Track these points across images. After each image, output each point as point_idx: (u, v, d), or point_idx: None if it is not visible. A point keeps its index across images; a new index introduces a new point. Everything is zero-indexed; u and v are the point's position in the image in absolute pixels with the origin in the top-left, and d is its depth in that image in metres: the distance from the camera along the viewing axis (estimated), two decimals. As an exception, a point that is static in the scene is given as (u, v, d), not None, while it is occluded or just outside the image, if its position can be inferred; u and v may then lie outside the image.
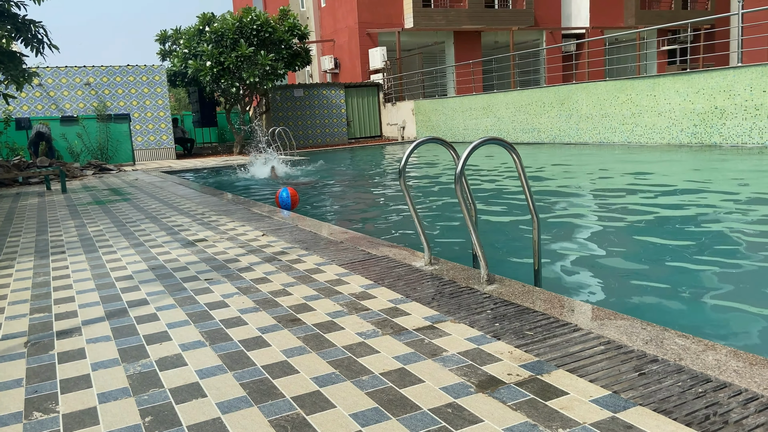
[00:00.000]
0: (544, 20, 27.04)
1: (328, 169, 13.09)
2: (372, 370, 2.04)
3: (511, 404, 1.75)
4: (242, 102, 18.62)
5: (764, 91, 10.48)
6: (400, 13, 24.36)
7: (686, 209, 6.20)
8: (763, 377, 1.82)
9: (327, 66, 25.78)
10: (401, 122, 21.70)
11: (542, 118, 15.50)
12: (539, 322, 2.44)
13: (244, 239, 4.53)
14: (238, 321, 2.64)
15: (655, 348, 2.08)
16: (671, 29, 28.87)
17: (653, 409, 1.67)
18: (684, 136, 11.95)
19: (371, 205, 7.92)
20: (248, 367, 2.13)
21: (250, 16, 16.87)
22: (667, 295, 3.70)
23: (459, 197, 2.99)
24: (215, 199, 7.15)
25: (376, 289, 3.02)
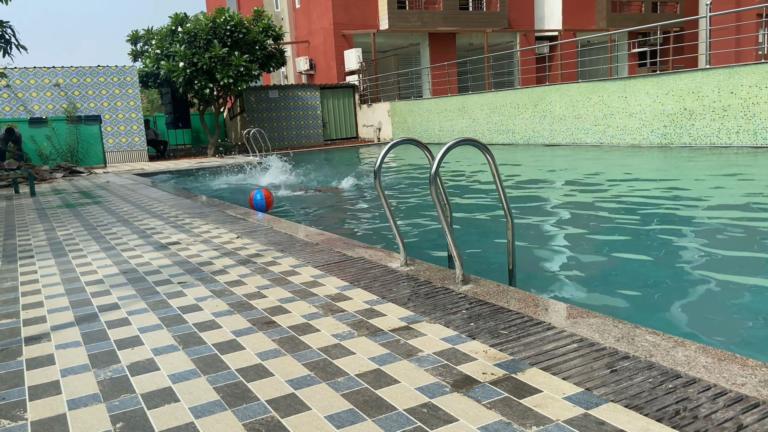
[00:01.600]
0: (517, 22, 27.32)
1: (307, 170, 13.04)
2: (347, 372, 2.03)
3: (485, 403, 1.76)
4: (216, 103, 18.43)
5: (731, 92, 10.74)
6: (375, 15, 24.38)
7: (656, 209, 6.32)
8: (731, 372, 1.86)
9: (302, 67, 25.67)
10: (377, 123, 21.72)
11: (516, 120, 15.66)
12: (514, 321, 2.46)
13: (219, 242, 4.48)
14: (212, 324, 2.61)
15: (627, 345, 2.11)
16: (641, 32, 29.41)
17: (625, 405, 1.69)
18: (654, 137, 12.18)
19: (348, 207, 7.91)
20: (222, 370, 2.11)
21: (223, 17, 16.73)
22: (638, 292, 3.76)
23: (434, 198, 3.00)
24: (189, 202, 7.06)
25: (352, 291, 3.01)
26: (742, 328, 3.09)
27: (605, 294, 3.76)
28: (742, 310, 3.36)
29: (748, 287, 3.73)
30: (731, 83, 10.73)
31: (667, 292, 3.75)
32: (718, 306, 3.43)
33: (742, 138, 10.69)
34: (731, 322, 3.20)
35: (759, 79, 10.31)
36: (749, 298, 3.54)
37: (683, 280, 3.95)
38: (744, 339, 2.94)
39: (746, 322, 3.17)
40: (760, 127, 10.39)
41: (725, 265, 4.22)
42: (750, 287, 3.73)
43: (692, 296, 3.63)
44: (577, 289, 3.88)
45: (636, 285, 3.91)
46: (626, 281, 4.00)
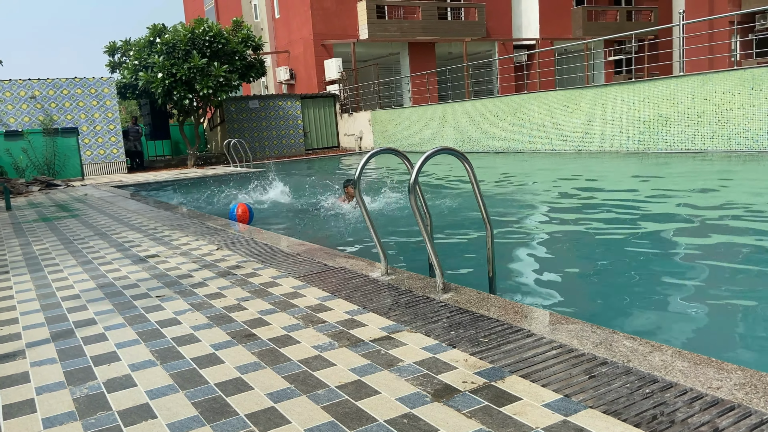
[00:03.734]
0: (495, 32, 27.61)
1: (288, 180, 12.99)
2: (328, 384, 2.02)
3: (465, 412, 1.76)
4: (196, 114, 18.33)
5: (705, 99, 10.95)
6: (354, 25, 24.47)
7: (632, 215, 6.40)
8: (707, 376, 1.89)
9: (282, 77, 25.65)
10: (358, 132, 21.75)
11: (496, 127, 15.79)
12: (494, 328, 2.47)
13: (198, 254, 4.44)
14: (191, 338, 2.58)
15: (605, 351, 2.13)
16: (617, 40, 29.90)
17: (603, 411, 1.70)
18: (631, 144, 12.36)
19: (330, 216, 7.89)
20: (201, 385, 2.08)
21: (202, 27, 16.67)
22: (616, 297, 3.80)
23: (413, 207, 3.01)
24: (168, 213, 6.99)
25: (333, 301, 3.00)
26: (717, 331, 3.14)
27: (584, 300, 3.79)
28: (718, 313, 3.41)
29: (723, 291, 3.79)
30: (705, 90, 10.94)
31: (645, 296, 3.79)
32: (695, 310, 3.47)
33: (716, 143, 10.89)
34: (707, 325, 3.24)
35: (732, 85, 10.53)
36: (725, 301, 3.60)
37: (660, 285, 4.00)
38: (720, 342, 2.99)
39: (722, 326, 3.22)
40: (734, 132, 10.60)
41: (701, 270, 4.28)
42: (725, 291, 3.79)
43: (669, 301, 3.68)
44: (557, 295, 3.90)
45: (614, 290, 3.95)
46: (605, 287, 4.04)
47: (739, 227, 5.42)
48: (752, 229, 5.28)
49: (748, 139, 10.42)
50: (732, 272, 4.15)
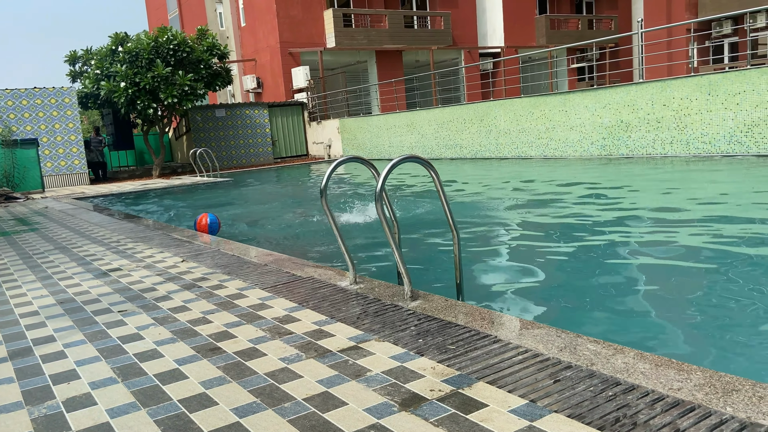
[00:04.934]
0: (461, 40, 27.94)
1: (254, 189, 12.88)
2: (295, 396, 2.00)
3: (432, 420, 1.76)
4: (161, 123, 18.05)
5: (664, 105, 11.25)
6: (321, 33, 24.47)
7: (596, 219, 6.52)
8: (668, 378, 1.92)
9: (249, 85, 25.46)
10: (327, 141, 21.71)
11: (464, 134, 15.94)
12: (461, 335, 2.47)
13: (163, 266, 4.36)
14: (154, 354, 2.52)
15: (569, 354, 2.16)
16: (579, 48, 30.55)
17: (567, 415, 1.72)
18: (594, 149, 12.61)
19: (298, 226, 7.84)
20: (164, 402, 2.04)
21: (166, 36, 16.46)
22: (582, 301, 3.86)
23: (380, 215, 3.01)
24: (132, 225, 6.85)
25: (301, 312, 2.97)
26: (679, 332, 3.21)
27: (551, 304, 3.84)
28: (680, 314, 3.49)
29: (683, 293, 3.88)
30: (664, 96, 11.25)
31: (609, 299, 3.86)
32: (658, 311, 3.55)
33: (675, 148, 11.20)
34: (669, 326, 3.31)
35: (689, 91, 10.85)
36: (685, 303, 3.69)
37: (624, 288, 4.08)
38: (680, 343, 3.06)
39: (683, 326, 3.29)
40: (692, 137, 10.91)
41: (664, 272, 4.38)
42: (685, 292, 3.88)
43: (633, 303, 3.75)
44: (524, 300, 3.95)
45: (580, 294, 4.01)
46: (571, 290, 4.10)
47: (699, 230, 5.57)
48: (711, 231, 5.43)
49: (705, 143, 10.74)
50: (693, 273, 4.26)
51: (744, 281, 3.91)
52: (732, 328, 3.16)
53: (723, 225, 5.61)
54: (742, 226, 5.56)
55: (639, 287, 4.04)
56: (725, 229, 5.42)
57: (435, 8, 27.41)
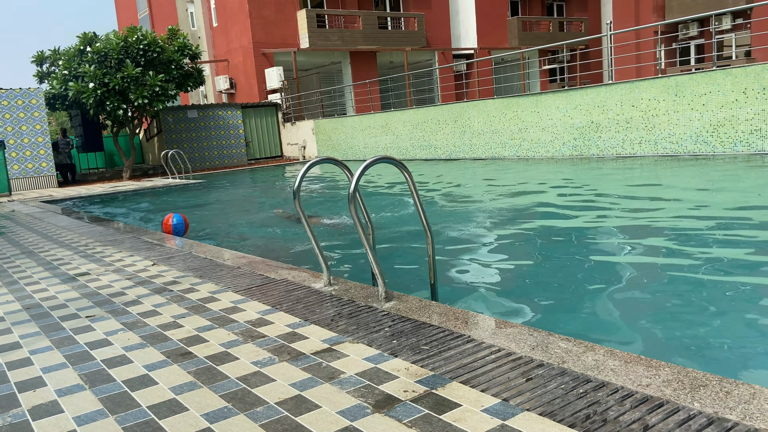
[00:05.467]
0: (435, 41, 28.07)
1: (228, 190, 12.75)
2: (267, 400, 1.97)
3: (406, 421, 1.76)
4: (131, 124, 17.75)
5: (633, 106, 11.46)
6: (295, 33, 24.34)
7: (568, 218, 6.61)
8: (637, 374, 1.95)
9: (222, 86, 25.19)
10: (302, 142, 21.60)
11: (438, 135, 16.02)
12: (435, 335, 2.48)
13: (132, 270, 4.28)
14: (123, 359, 2.47)
15: (541, 353, 2.18)
16: (551, 50, 30.95)
17: (539, 413, 1.74)
18: (566, 149, 12.79)
19: (271, 228, 7.78)
20: (132, 409, 2.00)
21: (136, 36, 16.19)
22: (554, 299, 3.90)
23: (354, 216, 3.00)
24: (101, 229, 6.72)
25: (274, 314, 2.95)
26: (648, 329, 3.26)
27: (525, 302, 3.87)
28: (648, 311, 3.55)
29: (652, 290, 3.95)
30: (632, 97, 11.46)
31: (582, 296, 3.91)
32: (627, 309, 3.61)
33: (644, 148, 11.41)
34: (639, 323, 3.37)
35: (657, 92, 11.07)
36: (654, 300, 3.76)
37: (595, 286, 4.13)
38: (650, 339, 3.11)
39: (652, 323, 3.35)
40: (660, 137, 11.13)
41: (635, 270, 4.46)
42: (654, 289, 3.95)
43: (603, 301, 3.81)
44: (498, 299, 3.97)
45: (553, 292, 4.05)
46: (544, 289, 4.14)
47: (668, 229, 5.67)
48: (679, 230, 5.54)
49: (673, 143, 10.97)
50: (661, 271, 4.34)
51: (710, 278, 3.99)
52: (699, 323, 3.23)
53: (690, 224, 5.72)
54: (709, 224, 5.69)
55: (610, 285, 4.10)
56: (692, 229, 5.54)
57: (409, 9, 27.49)
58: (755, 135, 9.89)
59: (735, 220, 5.81)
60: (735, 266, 4.26)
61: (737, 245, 4.81)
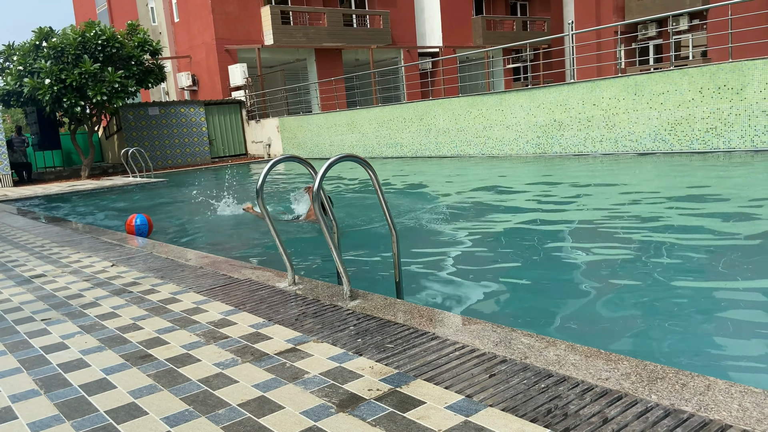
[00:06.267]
0: (400, 39, 28.12)
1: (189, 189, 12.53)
2: (229, 402, 1.94)
3: (370, 420, 1.75)
4: (89, 122, 17.28)
5: (594, 104, 11.69)
6: (259, 30, 24.06)
7: (531, 214, 6.71)
8: (597, 368, 1.99)
9: (184, 83, 24.75)
10: (267, 140, 21.38)
11: (404, 133, 16.06)
12: (400, 333, 2.48)
13: (91, 272, 4.16)
14: (80, 363, 2.40)
15: (504, 349, 2.20)
16: (514, 49, 31.35)
17: (502, 409, 1.75)
18: (529, 147, 12.97)
19: (235, 227, 7.68)
20: (89, 414, 1.94)
21: (94, 31, 15.77)
22: (517, 295, 3.96)
23: (318, 215, 2.98)
24: (58, 229, 6.52)
25: (237, 315, 2.90)
26: (608, 323, 3.33)
27: (488, 299, 3.91)
28: (609, 305, 3.63)
29: (612, 283, 4.04)
30: (593, 96, 11.69)
31: (543, 292, 3.97)
32: (589, 303, 3.68)
33: (605, 146, 11.66)
34: (599, 317, 3.44)
35: (617, 91, 11.32)
36: (615, 293, 3.84)
37: (557, 280, 4.20)
38: (609, 333, 3.18)
39: (611, 318, 3.42)
40: (620, 135, 11.39)
41: (594, 264, 4.55)
42: (613, 282, 4.04)
43: (565, 294, 3.87)
44: (463, 296, 4.00)
45: (516, 287, 4.11)
46: (507, 284, 4.19)
47: (628, 223, 5.81)
48: (640, 225, 5.67)
49: (632, 141, 11.23)
50: (621, 265, 4.44)
51: (667, 272, 4.10)
52: (657, 316, 3.31)
53: (648, 219, 5.87)
54: (665, 221, 5.85)
55: (572, 280, 4.18)
56: (650, 224, 5.68)
57: (374, 7, 27.47)
58: (711, 133, 10.20)
59: (690, 215, 5.99)
60: (690, 260, 4.39)
61: (692, 240, 4.96)
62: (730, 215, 5.84)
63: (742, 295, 3.54)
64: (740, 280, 3.82)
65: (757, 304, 3.40)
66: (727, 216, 5.81)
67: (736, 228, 5.25)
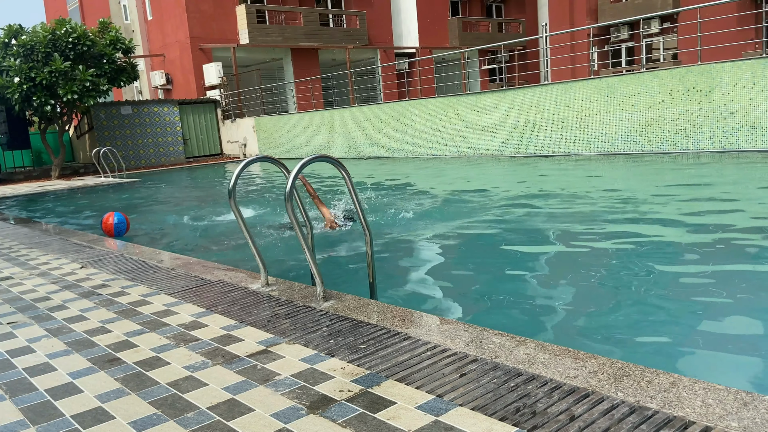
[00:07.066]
0: (377, 39, 28.13)
1: (162, 190, 12.37)
2: (198, 405, 1.92)
3: (341, 421, 1.75)
4: (60, 121, 16.95)
5: (567, 106, 11.84)
6: (234, 29, 23.85)
7: (505, 214, 6.77)
8: (566, 366, 2.02)
9: (158, 82, 24.41)
10: (242, 139, 21.20)
11: (380, 134, 16.07)
12: (372, 334, 2.48)
13: (59, 274, 4.08)
14: (46, 367, 2.36)
15: (475, 348, 2.22)
16: (490, 50, 31.60)
17: (471, 408, 1.77)
18: (504, 148, 13.09)
19: (209, 228, 7.60)
20: (55, 418, 1.90)
21: (64, 28, 15.47)
22: (490, 294, 3.99)
23: (290, 215, 2.96)
24: (26, 231, 6.38)
25: (209, 317, 2.88)
26: (577, 322, 3.38)
27: (461, 299, 3.94)
28: (579, 303, 3.68)
29: (582, 282, 4.10)
30: (567, 97, 11.84)
31: (515, 291, 4.01)
32: (560, 302, 3.73)
33: (578, 147, 11.82)
34: (570, 315, 3.49)
35: (590, 93, 11.48)
36: (585, 291, 3.90)
37: (529, 279, 4.25)
38: (577, 331, 3.22)
39: (580, 316, 3.47)
40: (593, 136, 11.56)
41: (563, 264, 4.61)
42: (582, 281, 4.10)
43: (536, 294, 3.92)
44: (436, 296, 4.02)
45: (489, 287, 4.14)
46: (481, 284, 4.23)
47: (599, 223, 5.90)
48: (607, 225, 5.76)
49: (605, 142, 11.41)
50: (590, 263, 4.50)
51: (635, 270, 4.18)
52: (626, 313, 3.37)
53: (616, 219, 5.97)
54: (634, 221, 5.95)
55: (543, 279, 4.22)
56: (617, 224, 5.77)
57: (350, 7, 27.44)
58: (680, 135, 10.41)
59: (652, 215, 6.10)
60: (658, 258, 4.48)
61: (660, 236, 5.05)
62: (694, 214, 5.96)
63: (708, 293, 3.62)
64: (706, 278, 3.90)
65: (722, 302, 3.47)
66: (691, 215, 5.94)
67: (700, 226, 5.37)
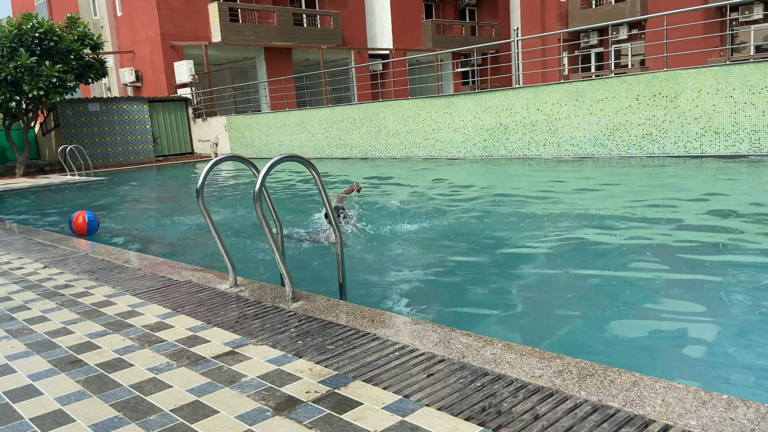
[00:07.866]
0: (351, 40, 28.10)
1: (127, 189, 12.15)
2: (162, 408, 1.89)
3: (306, 423, 1.74)
4: (25, 118, 16.52)
5: (538, 109, 12.00)
6: (206, 26, 23.57)
7: (477, 216, 6.82)
8: (531, 366, 2.04)
9: (127, 79, 23.97)
10: (214, 138, 20.96)
11: (354, 134, 16.05)
12: (341, 335, 2.48)
13: (21, 274, 3.98)
14: (5, 369, 2.29)
15: (443, 348, 2.23)
16: (463, 53, 31.83)
17: (438, 408, 1.77)
18: (476, 150, 13.19)
19: (177, 228, 7.49)
20: (13, 421, 1.85)
21: (31, 23, 15.08)
22: (461, 295, 4.01)
23: (259, 215, 2.94)
24: (-13, 230, 6.20)
25: (175, 318, 2.83)
26: (544, 322, 3.43)
27: (431, 299, 3.96)
28: (546, 303, 3.73)
29: (549, 282, 4.16)
30: (537, 101, 11.99)
31: (485, 291, 4.04)
32: (527, 301, 3.77)
33: (548, 150, 11.98)
34: (537, 315, 3.53)
35: (560, 96, 11.65)
36: (552, 292, 3.95)
37: (497, 279, 4.29)
38: (546, 331, 3.26)
39: (547, 316, 3.52)
40: (562, 139, 11.73)
41: (532, 264, 4.67)
42: (551, 282, 4.16)
43: (504, 293, 3.96)
44: (406, 296, 4.03)
45: (460, 288, 4.16)
46: (452, 285, 4.25)
47: (569, 223, 5.99)
48: (579, 226, 5.86)
49: (574, 145, 11.59)
50: (558, 264, 4.57)
51: (599, 270, 4.25)
52: (589, 314, 3.43)
53: (585, 220, 6.07)
54: (604, 220, 6.06)
55: (511, 279, 4.27)
56: (587, 224, 5.87)
57: (324, 7, 27.36)
58: (646, 139, 10.63)
59: (618, 213, 6.22)
60: (622, 259, 4.56)
61: (625, 238, 5.15)
62: (658, 213, 6.10)
63: (672, 291, 3.70)
64: (669, 276, 3.99)
65: (683, 303, 3.56)
66: (653, 213, 6.07)
67: (660, 226, 5.49)
